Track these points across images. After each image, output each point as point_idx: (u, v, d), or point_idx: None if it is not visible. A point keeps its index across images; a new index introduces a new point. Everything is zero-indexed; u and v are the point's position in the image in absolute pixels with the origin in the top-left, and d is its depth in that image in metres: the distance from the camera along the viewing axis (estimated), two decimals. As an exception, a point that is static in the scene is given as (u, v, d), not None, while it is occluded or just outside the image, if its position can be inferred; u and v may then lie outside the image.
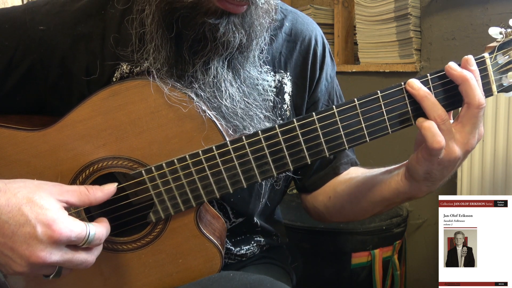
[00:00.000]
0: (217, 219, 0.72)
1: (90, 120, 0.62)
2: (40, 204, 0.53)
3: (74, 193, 0.58)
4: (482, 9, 1.38)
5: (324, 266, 1.48)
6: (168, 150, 0.63)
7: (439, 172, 0.62)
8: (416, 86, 0.60)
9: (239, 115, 0.66)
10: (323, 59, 0.82)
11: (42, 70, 0.68)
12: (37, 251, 0.52)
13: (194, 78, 0.64)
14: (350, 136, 0.62)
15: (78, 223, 0.55)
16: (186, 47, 0.63)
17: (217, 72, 0.65)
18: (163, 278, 0.67)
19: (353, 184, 0.76)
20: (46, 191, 0.56)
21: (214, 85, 0.65)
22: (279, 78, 0.77)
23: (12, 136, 0.63)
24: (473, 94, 0.58)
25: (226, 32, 0.61)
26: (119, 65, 0.69)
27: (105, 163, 0.63)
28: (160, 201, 0.64)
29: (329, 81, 0.83)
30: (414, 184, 0.65)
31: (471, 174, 1.33)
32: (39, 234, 0.52)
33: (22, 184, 0.56)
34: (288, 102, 0.78)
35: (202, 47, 0.62)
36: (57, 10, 0.69)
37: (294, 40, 0.79)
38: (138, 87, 0.62)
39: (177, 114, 0.62)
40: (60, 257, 0.54)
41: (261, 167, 0.63)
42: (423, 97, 0.60)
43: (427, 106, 0.60)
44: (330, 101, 0.84)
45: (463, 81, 0.59)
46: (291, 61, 0.78)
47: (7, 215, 0.52)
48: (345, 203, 0.78)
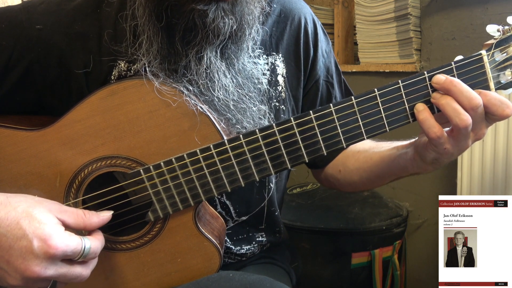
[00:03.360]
0: (216, 219, 0.72)
1: (89, 119, 0.63)
2: (38, 218, 0.54)
3: (72, 215, 0.58)
4: (482, 9, 1.38)
5: (324, 266, 1.48)
6: (166, 149, 0.63)
7: (447, 158, 0.64)
8: (437, 96, 0.61)
9: (231, 108, 0.66)
10: (316, 36, 0.82)
11: (40, 70, 0.68)
12: (32, 266, 0.52)
13: (187, 69, 0.64)
14: (347, 134, 0.62)
15: (74, 238, 0.55)
16: (178, 38, 0.63)
17: (210, 62, 0.65)
18: (162, 277, 0.67)
19: (361, 159, 0.79)
20: (45, 207, 0.56)
21: (207, 75, 0.65)
22: (272, 61, 0.77)
23: (11, 136, 0.63)
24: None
25: (216, 18, 0.61)
26: (116, 63, 0.69)
27: (104, 163, 0.63)
28: (158, 200, 0.64)
29: (325, 57, 0.84)
30: (422, 165, 0.67)
31: (471, 174, 1.33)
32: (35, 248, 0.52)
33: (23, 199, 0.56)
34: (283, 83, 0.78)
35: (193, 36, 0.62)
36: (53, 9, 0.69)
37: (284, 21, 0.78)
38: (136, 87, 0.62)
39: (175, 113, 0.62)
40: (55, 272, 0.54)
41: (259, 166, 0.63)
42: (444, 104, 0.60)
43: (449, 112, 0.60)
44: (329, 76, 0.84)
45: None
46: (282, 42, 0.78)
47: (5, 228, 0.52)
48: (355, 177, 0.80)
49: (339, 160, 0.84)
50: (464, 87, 0.59)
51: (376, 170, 0.76)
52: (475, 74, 0.61)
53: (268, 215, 0.83)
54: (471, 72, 0.61)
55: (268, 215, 0.83)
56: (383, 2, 1.60)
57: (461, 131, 0.60)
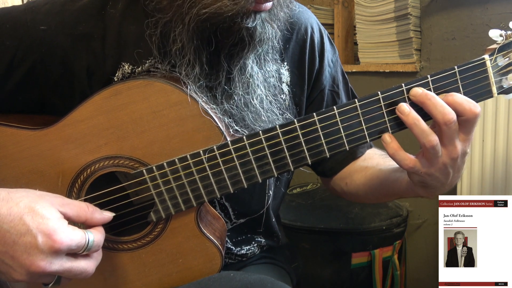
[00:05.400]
0: (218, 220, 0.72)
1: (92, 119, 0.62)
2: (41, 213, 0.53)
3: (74, 207, 0.58)
4: (482, 9, 1.38)
5: (324, 266, 1.48)
6: (169, 150, 0.63)
7: (434, 181, 0.63)
8: (406, 111, 0.60)
9: (263, 119, 0.67)
10: (322, 46, 0.82)
11: (44, 70, 0.68)
12: (38, 261, 0.52)
13: (227, 83, 0.65)
14: (351, 136, 0.62)
15: (78, 232, 0.55)
16: (224, 55, 0.64)
17: (252, 70, 0.66)
18: (163, 277, 0.68)
19: (368, 176, 0.78)
20: (48, 201, 0.56)
21: (249, 85, 0.66)
22: (277, 68, 0.77)
23: (14, 135, 0.63)
24: (435, 112, 0.58)
25: (263, 31, 0.62)
26: (120, 64, 0.69)
27: (106, 162, 0.63)
28: (161, 200, 0.64)
29: (331, 67, 0.84)
30: (416, 189, 0.66)
31: (471, 174, 1.34)
32: (40, 243, 0.52)
33: (24, 193, 0.56)
34: (287, 91, 0.78)
35: (239, 49, 0.63)
36: (57, 10, 0.68)
37: (290, 30, 0.79)
38: (140, 87, 0.62)
39: (178, 114, 0.62)
40: (60, 267, 0.54)
41: (262, 167, 0.63)
42: (411, 125, 0.59)
43: (416, 133, 0.59)
44: (335, 85, 0.84)
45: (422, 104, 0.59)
46: (288, 50, 0.78)
47: (8, 224, 0.52)
48: (360, 192, 0.80)
49: (347, 172, 0.83)
50: (438, 102, 0.58)
51: (381, 189, 0.76)
52: (478, 78, 0.62)
53: (265, 221, 0.83)
54: (474, 77, 0.61)
55: (265, 221, 0.83)
56: (383, 2, 1.60)
57: (429, 151, 0.59)
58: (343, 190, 0.84)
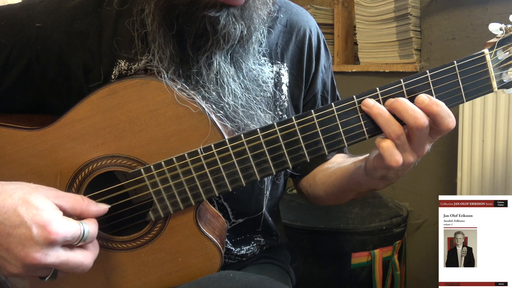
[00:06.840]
0: (217, 218, 0.72)
1: (89, 119, 0.62)
2: (35, 205, 0.53)
3: (69, 199, 0.58)
4: (482, 9, 1.38)
5: (324, 266, 1.48)
6: (167, 149, 0.63)
7: (394, 174, 0.64)
8: (369, 104, 0.60)
9: (240, 114, 0.66)
10: (318, 50, 0.83)
11: (40, 68, 0.68)
12: (33, 252, 0.52)
13: (199, 75, 0.64)
14: (349, 133, 0.62)
15: (73, 223, 0.55)
16: (189, 44, 0.63)
17: (219, 67, 0.65)
18: (162, 277, 0.67)
19: (327, 174, 0.79)
20: (42, 193, 0.55)
21: (217, 81, 0.65)
22: (277, 69, 0.77)
23: (11, 135, 0.63)
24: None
25: (227, 24, 0.61)
26: (117, 62, 0.69)
27: (104, 162, 0.63)
28: (159, 199, 0.64)
29: (323, 72, 0.85)
30: (372, 181, 0.67)
31: (471, 174, 1.33)
32: (35, 235, 0.52)
33: (18, 186, 0.55)
34: (286, 92, 0.79)
35: (204, 42, 0.63)
36: (53, 7, 0.68)
37: (290, 31, 0.79)
38: (136, 86, 0.62)
39: (175, 113, 0.62)
40: (56, 259, 0.53)
41: (260, 165, 0.63)
42: (376, 115, 0.59)
43: (381, 123, 0.59)
44: (325, 91, 0.85)
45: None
46: (287, 52, 0.79)
47: (2, 216, 0.52)
48: (320, 191, 0.81)
49: (313, 173, 0.84)
50: (409, 106, 0.58)
51: (338, 185, 0.76)
52: (477, 73, 0.61)
53: (263, 221, 0.83)
54: (474, 71, 0.61)
55: (264, 221, 0.83)
56: (383, 2, 1.60)
57: (395, 141, 0.59)
58: (307, 191, 0.85)
